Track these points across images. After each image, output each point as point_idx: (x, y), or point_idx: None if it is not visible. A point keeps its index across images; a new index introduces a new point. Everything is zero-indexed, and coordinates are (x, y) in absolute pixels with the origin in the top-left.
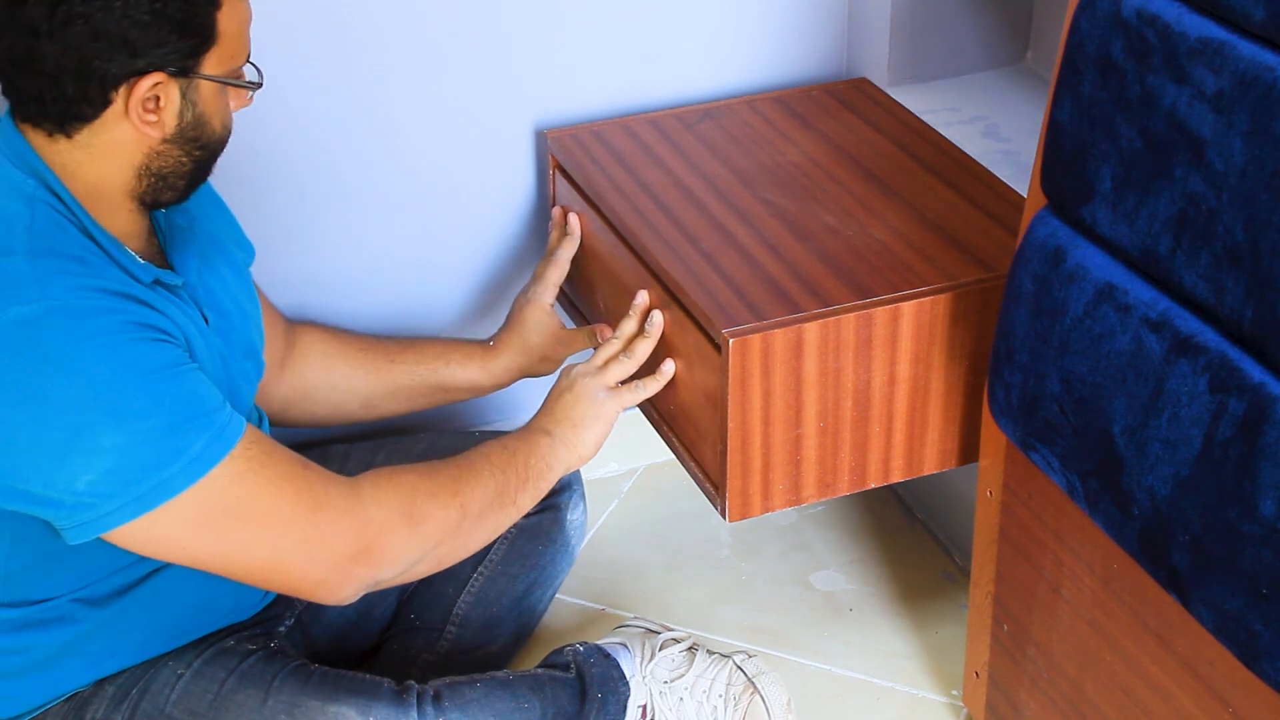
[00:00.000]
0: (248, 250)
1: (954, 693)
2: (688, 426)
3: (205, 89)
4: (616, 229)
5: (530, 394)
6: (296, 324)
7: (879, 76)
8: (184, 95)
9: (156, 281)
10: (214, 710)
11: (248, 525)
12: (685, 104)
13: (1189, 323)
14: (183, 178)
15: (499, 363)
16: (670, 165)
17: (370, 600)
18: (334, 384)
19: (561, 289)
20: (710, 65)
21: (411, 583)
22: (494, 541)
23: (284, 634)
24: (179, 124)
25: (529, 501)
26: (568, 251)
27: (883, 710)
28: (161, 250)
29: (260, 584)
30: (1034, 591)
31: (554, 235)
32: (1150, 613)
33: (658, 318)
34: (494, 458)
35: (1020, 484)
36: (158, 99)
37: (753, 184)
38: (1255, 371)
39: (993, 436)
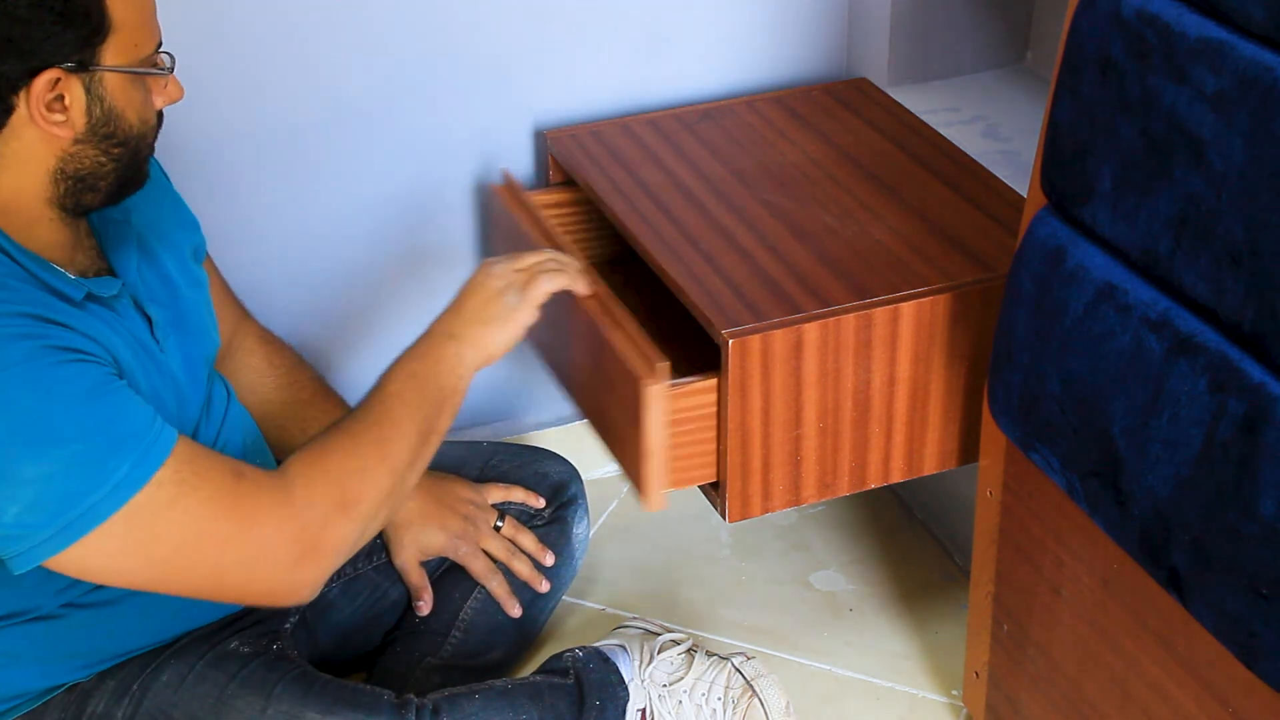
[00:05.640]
0: (193, 229)
1: (954, 693)
2: (616, 439)
3: (111, 81)
4: (617, 229)
5: (533, 392)
6: (242, 324)
7: (879, 76)
8: (88, 90)
9: (89, 296)
10: (215, 715)
11: (183, 548)
12: (685, 104)
13: (1189, 323)
14: (103, 179)
15: None
16: (670, 165)
17: (377, 606)
18: (250, 403)
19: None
20: (710, 65)
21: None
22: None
23: (288, 633)
24: (88, 121)
25: (449, 423)
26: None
27: (883, 710)
28: (99, 250)
29: (210, 599)
30: (1034, 591)
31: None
32: (1150, 613)
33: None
34: (407, 395)
35: (1020, 484)
36: (62, 97)
37: (752, 184)
38: (1255, 371)
39: (993, 436)
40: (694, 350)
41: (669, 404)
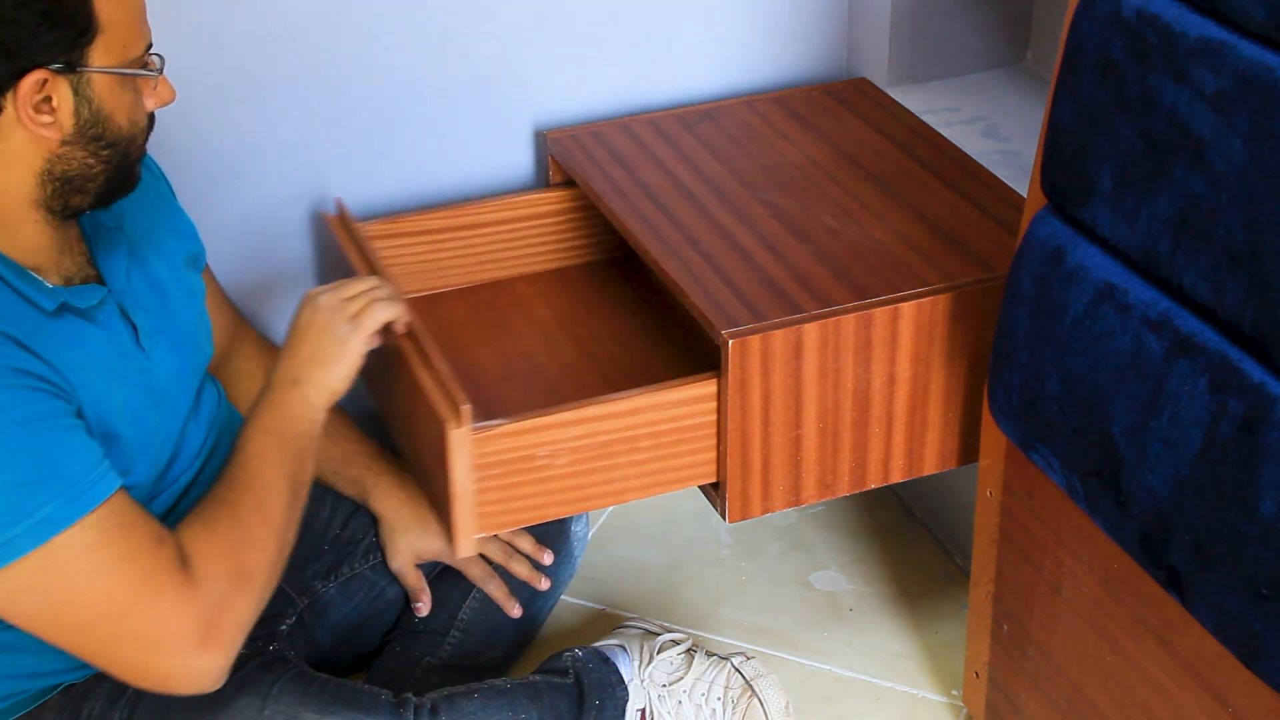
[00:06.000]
0: (190, 238)
1: (954, 693)
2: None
3: (99, 82)
4: (617, 230)
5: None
6: (239, 332)
7: (879, 76)
8: (76, 91)
9: (63, 306)
10: (212, 715)
11: (85, 603)
12: (685, 104)
13: (1189, 323)
14: (92, 180)
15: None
16: (670, 166)
17: (375, 605)
18: (246, 408)
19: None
20: (710, 65)
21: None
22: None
23: (285, 634)
24: (76, 122)
25: (313, 469)
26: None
27: (883, 710)
28: (89, 256)
29: (109, 671)
30: (1034, 591)
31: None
32: (1150, 613)
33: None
34: (269, 453)
35: (1020, 484)
36: (49, 99)
37: (752, 185)
38: (1255, 371)
39: (993, 436)
40: (694, 350)
41: (474, 448)
